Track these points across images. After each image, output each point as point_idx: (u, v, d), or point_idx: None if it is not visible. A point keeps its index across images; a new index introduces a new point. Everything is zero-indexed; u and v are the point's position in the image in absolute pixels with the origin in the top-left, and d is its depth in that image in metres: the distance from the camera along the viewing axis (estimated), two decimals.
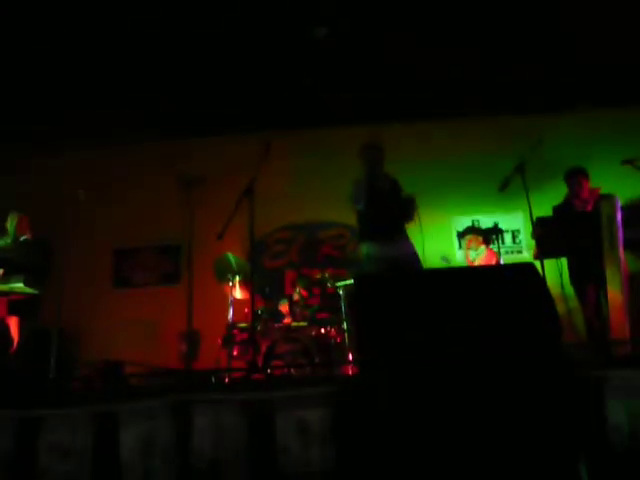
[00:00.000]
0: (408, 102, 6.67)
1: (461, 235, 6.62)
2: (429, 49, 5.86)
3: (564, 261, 4.89)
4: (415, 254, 4.63)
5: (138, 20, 5.32)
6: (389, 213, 4.60)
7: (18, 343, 5.06)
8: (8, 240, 5.29)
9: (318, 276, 5.70)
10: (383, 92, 6.48)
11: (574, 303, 4.91)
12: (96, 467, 2.75)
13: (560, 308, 3.74)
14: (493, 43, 5.86)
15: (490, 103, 6.73)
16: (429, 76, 6.26)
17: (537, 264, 3.55)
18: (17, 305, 5.09)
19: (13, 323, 5.09)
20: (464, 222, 6.88)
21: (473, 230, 6.37)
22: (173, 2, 5.21)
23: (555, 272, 4.77)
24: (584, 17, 5.45)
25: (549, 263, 4.40)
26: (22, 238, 5.30)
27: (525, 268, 3.06)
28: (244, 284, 5.56)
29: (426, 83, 6.35)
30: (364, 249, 4.67)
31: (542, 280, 3.37)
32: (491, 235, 6.17)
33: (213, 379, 4.49)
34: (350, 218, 5.25)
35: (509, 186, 4.57)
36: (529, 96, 6.63)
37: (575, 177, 4.99)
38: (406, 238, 4.67)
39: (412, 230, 4.70)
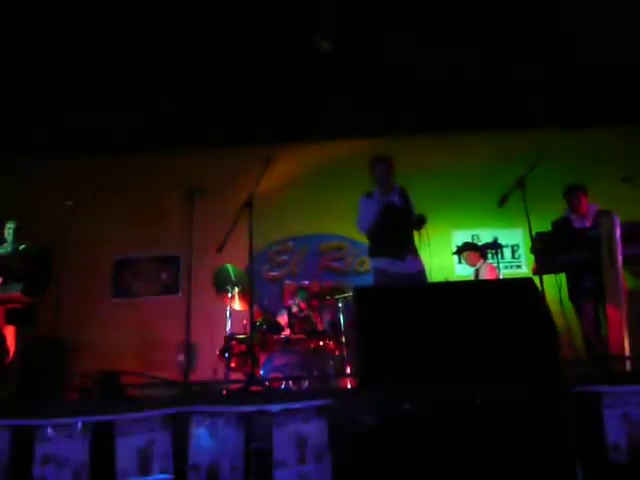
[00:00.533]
0: (409, 115, 6.71)
1: (458, 252, 6.61)
2: (429, 49, 5.86)
3: (563, 277, 4.88)
4: (424, 273, 4.63)
5: (138, 20, 5.33)
6: (400, 229, 4.58)
7: (15, 353, 5.03)
8: (8, 248, 5.28)
9: (317, 288, 5.70)
10: (383, 92, 6.45)
11: (573, 319, 4.89)
12: (92, 477, 2.74)
13: (559, 324, 3.74)
14: (493, 43, 5.86)
15: (491, 114, 6.75)
16: (429, 76, 6.25)
17: (536, 279, 3.56)
18: (14, 314, 5.06)
19: (10, 332, 5.06)
20: (464, 237, 6.88)
21: (470, 246, 6.37)
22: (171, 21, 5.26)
23: (554, 287, 4.76)
24: (584, 17, 5.45)
25: (548, 278, 4.39)
26: (21, 247, 5.29)
27: (524, 283, 3.06)
28: (243, 295, 5.56)
29: (426, 83, 6.33)
30: (375, 264, 4.65)
31: (541, 295, 3.37)
32: (486, 250, 6.18)
33: (211, 390, 4.47)
34: (350, 231, 5.25)
35: (508, 201, 4.58)
36: (529, 106, 6.64)
37: (574, 193, 5.01)
38: (417, 255, 4.64)
39: (419, 245, 4.69)
